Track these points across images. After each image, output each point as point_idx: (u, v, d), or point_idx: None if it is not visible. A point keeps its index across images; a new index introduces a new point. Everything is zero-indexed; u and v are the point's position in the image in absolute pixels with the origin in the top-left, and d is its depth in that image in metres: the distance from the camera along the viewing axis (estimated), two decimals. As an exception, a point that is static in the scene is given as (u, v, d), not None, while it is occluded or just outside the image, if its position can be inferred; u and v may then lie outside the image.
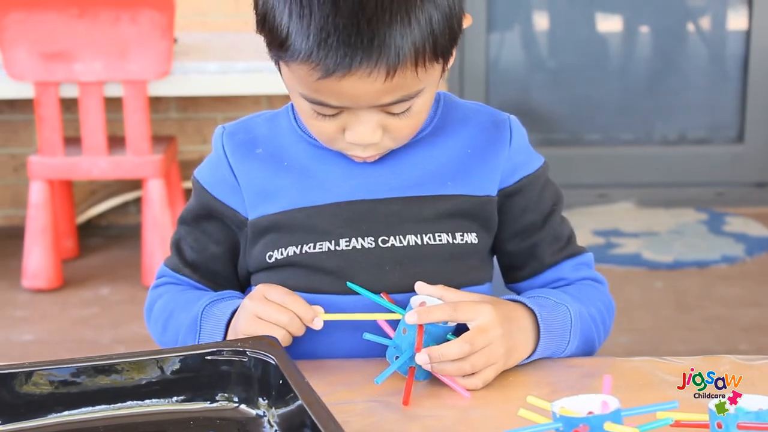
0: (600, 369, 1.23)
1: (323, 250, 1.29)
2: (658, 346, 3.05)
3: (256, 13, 1.22)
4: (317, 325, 1.22)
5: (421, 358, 1.17)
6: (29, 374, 1.08)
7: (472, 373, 1.19)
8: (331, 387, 1.19)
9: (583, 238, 3.74)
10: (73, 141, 3.48)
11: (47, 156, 3.39)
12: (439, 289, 1.24)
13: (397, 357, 1.20)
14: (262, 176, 1.32)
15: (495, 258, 1.41)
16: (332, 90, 1.17)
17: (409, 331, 1.19)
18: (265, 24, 1.19)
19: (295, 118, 1.35)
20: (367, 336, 1.20)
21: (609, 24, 4.57)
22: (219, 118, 4.00)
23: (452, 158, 1.32)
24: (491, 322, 1.20)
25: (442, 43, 1.18)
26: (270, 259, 1.31)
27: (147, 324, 1.43)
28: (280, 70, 1.25)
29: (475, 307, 1.21)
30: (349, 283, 1.25)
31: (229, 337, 1.27)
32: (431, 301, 1.22)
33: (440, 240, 1.30)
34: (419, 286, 1.25)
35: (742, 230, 3.99)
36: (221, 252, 1.37)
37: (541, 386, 1.21)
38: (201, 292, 1.37)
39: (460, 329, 1.21)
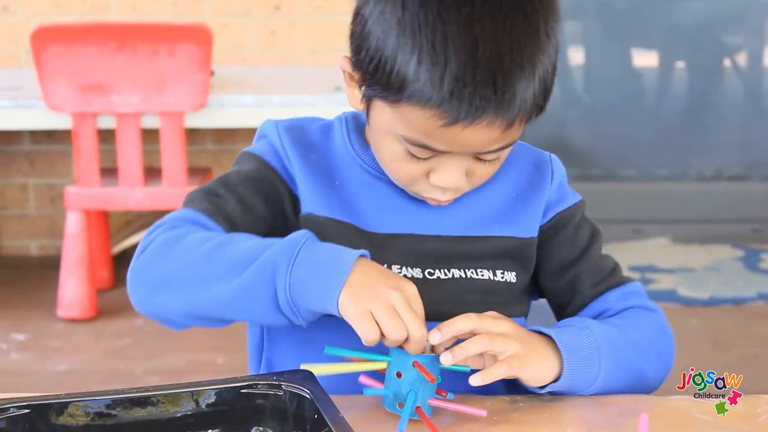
0: (636, 408, 1.22)
1: None
2: (694, 384, 3.01)
3: (359, 48, 1.17)
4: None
5: (446, 359, 1.15)
6: (65, 405, 1.08)
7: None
8: (366, 422, 1.18)
9: (617, 274, 3.71)
10: (109, 172, 3.51)
11: (84, 187, 3.42)
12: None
13: (400, 403, 1.16)
14: (316, 184, 1.29)
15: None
16: (447, 137, 1.15)
17: (404, 374, 1.16)
18: (379, 64, 1.14)
19: (349, 136, 1.33)
20: (368, 391, 1.15)
21: (644, 60, 4.57)
22: (254, 151, 4.01)
23: (499, 199, 1.32)
24: (509, 325, 1.21)
25: (548, 94, 1.19)
26: None
27: (146, 262, 1.22)
28: (369, 108, 1.21)
29: (495, 319, 1.20)
30: (327, 348, 1.17)
31: (345, 295, 1.13)
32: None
33: (482, 275, 1.30)
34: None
35: (779, 268, 3.96)
36: (268, 215, 1.27)
37: (576, 425, 1.20)
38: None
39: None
